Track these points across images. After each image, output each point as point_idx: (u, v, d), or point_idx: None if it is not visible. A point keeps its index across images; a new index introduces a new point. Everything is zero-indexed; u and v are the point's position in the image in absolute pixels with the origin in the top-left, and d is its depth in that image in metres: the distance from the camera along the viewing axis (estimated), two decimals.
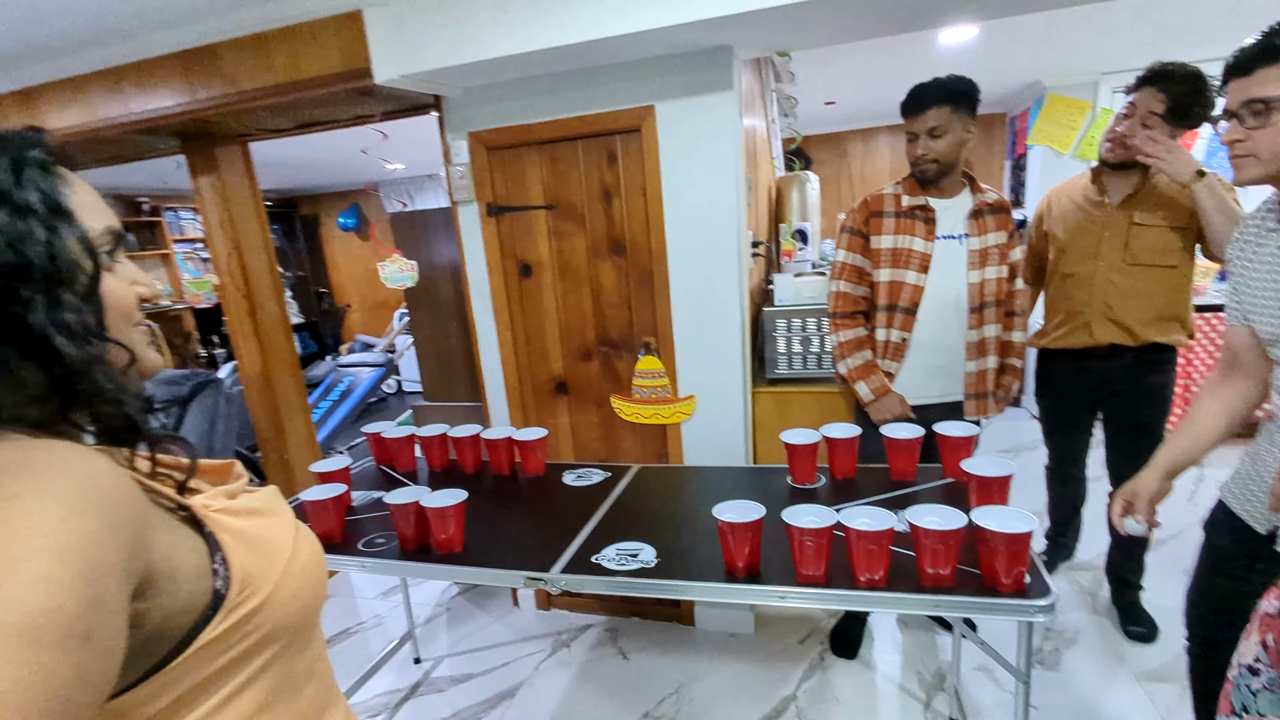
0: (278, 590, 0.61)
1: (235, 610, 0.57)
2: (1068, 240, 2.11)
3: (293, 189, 6.78)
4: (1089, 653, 2.12)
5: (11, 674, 0.38)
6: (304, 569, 0.65)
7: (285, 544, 0.65)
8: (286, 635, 0.62)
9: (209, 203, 2.67)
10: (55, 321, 0.51)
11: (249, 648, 0.58)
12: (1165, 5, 2.64)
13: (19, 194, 0.51)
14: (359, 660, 2.40)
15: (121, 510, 0.48)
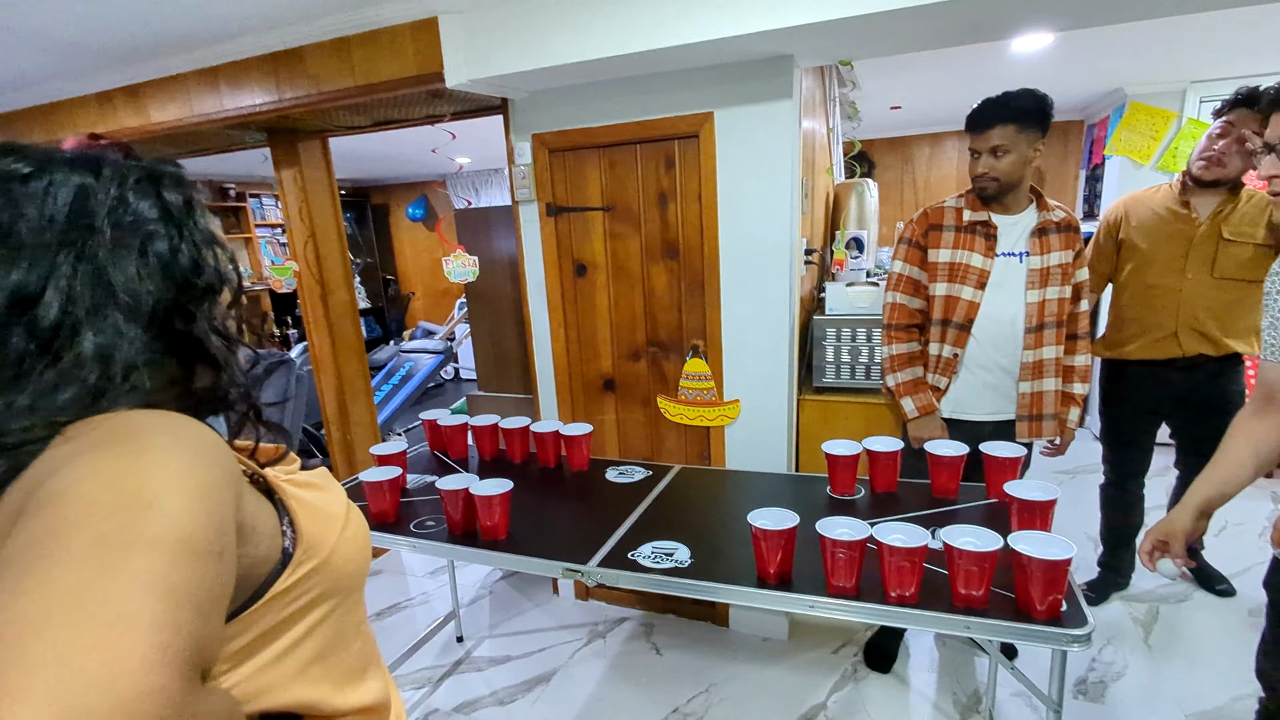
0: (334, 553, 0.70)
1: (300, 566, 0.66)
2: (1152, 252, 2.14)
3: (366, 179, 7.08)
4: (1137, 688, 2.04)
5: (182, 574, 0.48)
6: (354, 537, 0.75)
7: (339, 515, 0.74)
8: (340, 594, 0.71)
9: (289, 193, 2.84)
10: (213, 327, 0.64)
11: (309, 601, 0.67)
12: (1257, 14, 2.49)
13: (193, 225, 0.63)
14: (405, 635, 2.52)
15: (229, 467, 0.58)
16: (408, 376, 4.86)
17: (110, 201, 0.57)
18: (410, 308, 7.67)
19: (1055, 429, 1.94)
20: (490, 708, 2.16)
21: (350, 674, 0.74)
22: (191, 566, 0.48)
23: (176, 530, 0.49)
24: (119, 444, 0.52)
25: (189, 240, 0.62)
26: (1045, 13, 1.69)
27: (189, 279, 0.61)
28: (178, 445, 0.54)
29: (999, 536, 1.24)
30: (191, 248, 0.62)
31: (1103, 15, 1.74)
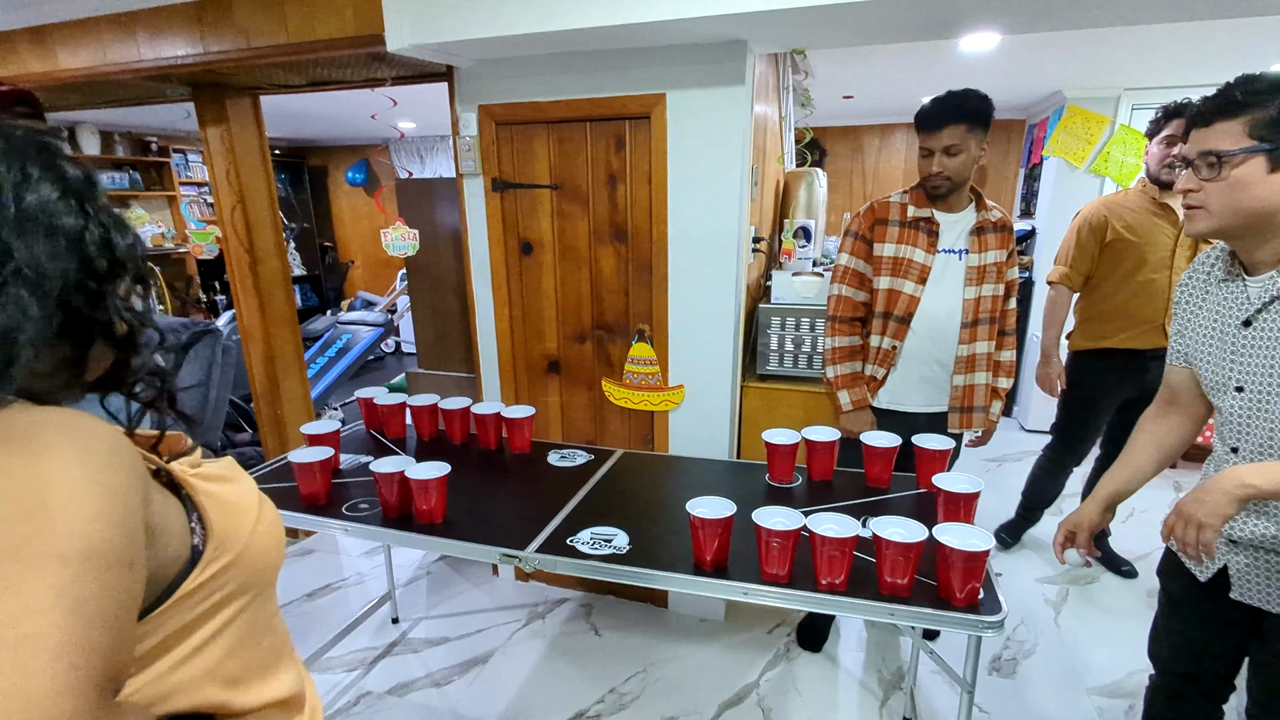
0: (247, 548, 0.67)
1: (211, 565, 0.63)
2: (1145, 249, 2.27)
3: (303, 139, 6.73)
4: (1045, 665, 2.18)
5: (90, 588, 0.46)
6: (268, 531, 0.72)
7: (252, 507, 0.71)
8: (253, 590, 0.69)
9: (216, 154, 2.66)
10: (119, 307, 0.60)
11: (221, 599, 0.65)
12: (1188, 29, 2.60)
13: (97, 203, 0.60)
14: (338, 616, 2.47)
15: (135, 467, 0.55)
16: (345, 349, 4.69)
17: (14, 177, 0.54)
18: (349, 277, 7.39)
19: (983, 420, 2.02)
20: (425, 689, 2.14)
21: (262, 669, 0.72)
22: (100, 579, 0.47)
23: (83, 541, 0.46)
24: (14, 447, 0.49)
25: (95, 219, 0.58)
26: (991, 15, 1.72)
27: (96, 258, 0.58)
28: (79, 447, 0.51)
29: (924, 528, 1.28)
30: (98, 226, 0.58)
31: (1044, 22, 1.79)
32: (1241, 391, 1.13)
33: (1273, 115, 1.00)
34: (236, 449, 3.47)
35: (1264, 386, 1.10)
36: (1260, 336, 1.10)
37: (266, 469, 1.93)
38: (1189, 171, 1.10)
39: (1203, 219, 1.10)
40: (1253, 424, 1.13)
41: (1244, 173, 1.03)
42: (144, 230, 5.48)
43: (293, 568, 2.84)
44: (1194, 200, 1.10)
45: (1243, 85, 1.03)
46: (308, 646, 2.16)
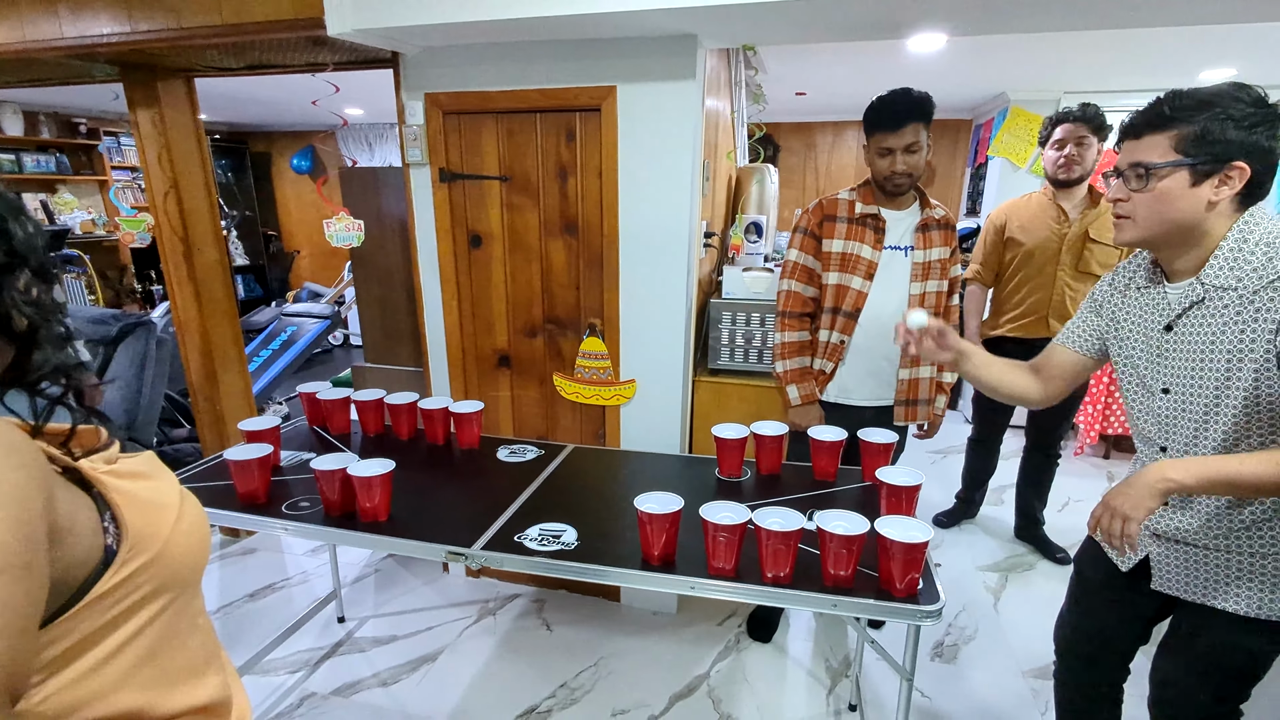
0: (167, 547, 0.65)
1: (126, 565, 0.61)
2: (1032, 248, 2.49)
3: (245, 124, 6.47)
4: (984, 649, 2.26)
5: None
6: (190, 529, 0.69)
7: (172, 505, 0.69)
8: (174, 590, 0.67)
9: (147, 138, 2.53)
10: (19, 301, 0.57)
11: (137, 601, 0.62)
12: (1124, 36, 2.71)
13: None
14: (282, 616, 2.39)
15: (35, 466, 0.53)
16: (290, 342, 4.54)
17: None
18: (295, 267, 7.16)
19: (928, 414, 2.08)
20: (372, 689, 2.10)
21: (185, 673, 0.69)
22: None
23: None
24: None
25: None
26: (937, 16, 1.75)
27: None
28: None
29: (866, 521, 1.31)
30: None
31: (988, 24, 1.84)
32: (1168, 393, 1.18)
33: (1197, 131, 1.03)
34: (173, 445, 3.33)
35: (1187, 388, 1.14)
36: (1181, 340, 1.14)
37: (201, 466, 1.86)
38: (1119, 182, 1.14)
39: (1130, 228, 1.14)
40: (1179, 423, 1.17)
41: (1169, 185, 1.07)
42: (73, 216, 5.19)
43: (234, 567, 2.75)
44: (1122, 210, 1.14)
45: (1171, 101, 1.07)
46: (249, 649, 2.09)
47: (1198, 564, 1.21)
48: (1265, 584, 1.16)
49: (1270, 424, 1.08)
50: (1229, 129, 1.02)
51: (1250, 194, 1.06)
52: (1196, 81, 3.49)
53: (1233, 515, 1.15)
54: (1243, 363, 1.06)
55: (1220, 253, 1.08)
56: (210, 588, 2.61)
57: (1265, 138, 1.02)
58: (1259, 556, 1.15)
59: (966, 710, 2.00)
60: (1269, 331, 1.02)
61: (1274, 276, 1.03)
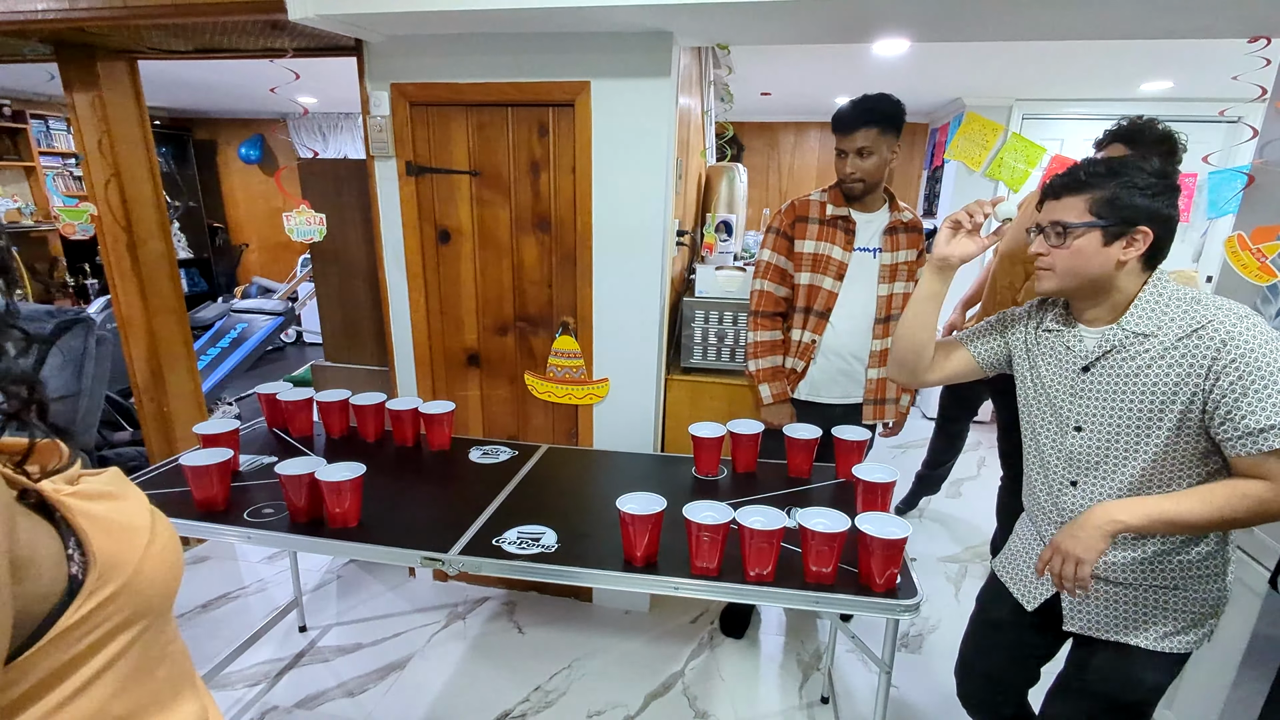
0: (137, 575, 0.60)
1: (93, 596, 0.56)
2: (1005, 252, 2.41)
3: (188, 110, 6.17)
4: (947, 638, 2.33)
5: None
6: (163, 552, 0.64)
7: (143, 527, 0.64)
8: (146, 619, 0.62)
9: (85, 122, 2.38)
10: None
11: (106, 633, 0.57)
12: (1075, 47, 2.83)
13: None
14: (239, 627, 2.29)
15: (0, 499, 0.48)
16: (240, 339, 4.35)
17: None
18: (243, 261, 6.87)
19: (895, 411, 2.12)
20: (337, 700, 2.03)
21: (157, 704, 0.64)
22: None
23: None
24: None
25: None
26: (900, 21, 1.79)
27: None
28: None
29: (847, 518, 1.33)
30: None
31: (947, 31, 1.89)
32: (1080, 431, 1.24)
33: (1107, 196, 1.13)
34: (114, 449, 3.16)
35: (1101, 426, 1.21)
36: (1097, 382, 1.21)
37: (154, 473, 1.76)
38: (1040, 237, 1.22)
39: (1049, 279, 1.22)
40: (1090, 460, 1.23)
41: (1083, 244, 1.15)
42: None
43: (187, 576, 2.59)
44: (1043, 263, 1.22)
45: (1086, 167, 1.16)
46: (205, 662, 2.00)
47: (1112, 601, 1.26)
48: (1169, 617, 1.22)
49: (1183, 462, 1.16)
50: (1135, 196, 1.11)
51: (1154, 255, 1.16)
52: (1137, 92, 3.69)
53: (1138, 548, 1.21)
54: (1170, 403, 1.13)
55: (1139, 304, 1.17)
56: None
57: (1165, 205, 1.13)
58: (1166, 590, 1.22)
59: (932, 698, 2.06)
60: (1198, 375, 1.10)
61: (1196, 325, 1.11)
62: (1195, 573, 1.21)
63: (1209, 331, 1.10)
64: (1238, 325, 1.08)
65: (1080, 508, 1.25)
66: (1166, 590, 1.22)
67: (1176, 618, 1.23)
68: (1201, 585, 1.21)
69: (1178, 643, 1.23)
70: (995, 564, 1.49)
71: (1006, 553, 1.46)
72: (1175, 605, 1.22)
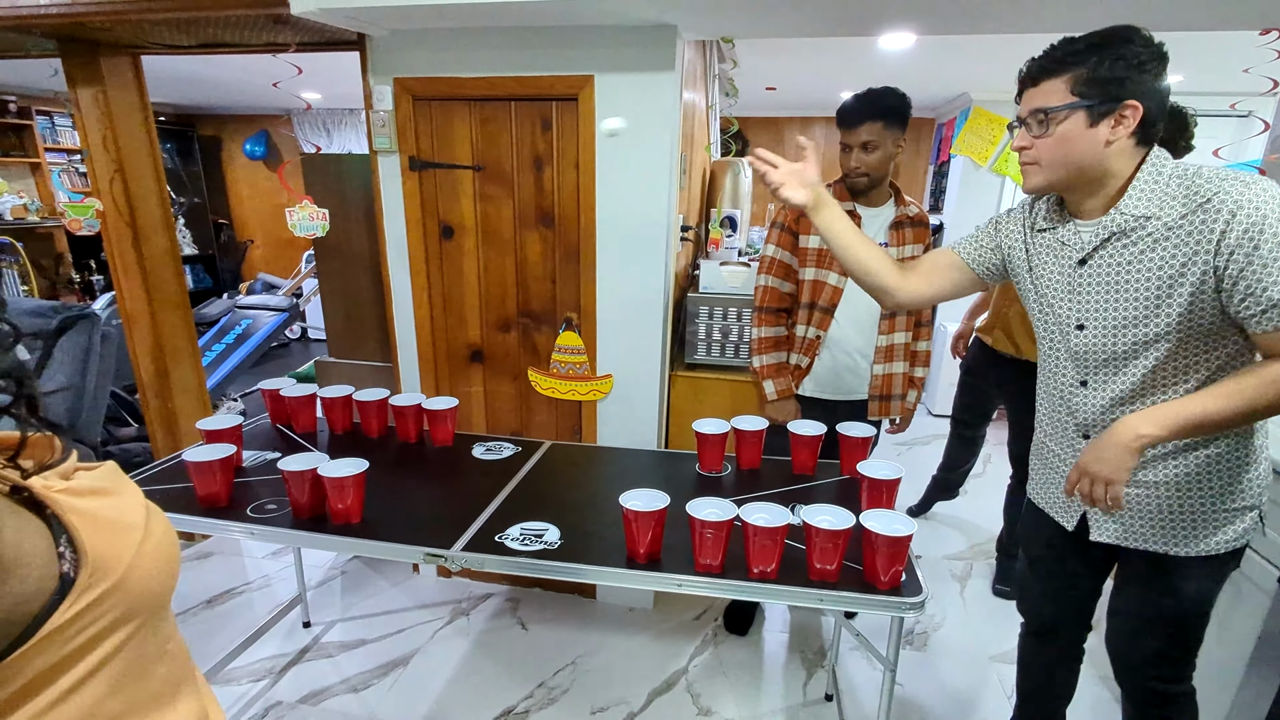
0: (131, 572, 0.59)
1: (85, 594, 0.55)
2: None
3: (193, 106, 6.17)
4: (952, 636, 2.32)
5: None
6: (157, 549, 0.63)
7: (137, 524, 0.62)
8: (140, 617, 0.61)
9: (90, 119, 2.38)
10: None
11: (99, 631, 0.56)
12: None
13: None
14: (243, 623, 2.30)
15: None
16: (244, 335, 4.36)
17: None
18: (248, 257, 6.88)
19: (901, 408, 2.11)
20: (341, 695, 2.03)
21: (155, 701, 0.64)
22: None
23: None
24: None
25: None
26: (907, 14, 1.78)
27: None
28: None
29: (852, 515, 1.32)
30: None
31: (954, 24, 1.88)
32: (1083, 329, 1.19)
33: (1088, 73, 1.05)
34: (119, 445, 3.17)
35: (1103, 322, 1.16)
36: (1096, 274, 1.16)
37: (157, 468, 1.76)
38: (1021, 129, 1.15)
39: (1036, 174, 1.15)
40: (1097, 359, 1.19)
41: (1067, 128, 1.08)
42: (4, 200, 4.87)
43: (191, 573, 2.63)
44: (1028, 157, 1.15)
45: (1064, 45, 1.09)
46: (209, 657, 2.00)
47: (1138, 506, 1.23)
48: (1199, 519, 1.18)
49: (1200, 350, 1.10)
50: (1119, 68, 1.04)
51: (1145, 134, 1.09)
52: None
53: (1158, 447, 1.17)
54: (1177, 287, 1.07)
55: (1137, 185, 1.10)
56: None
57: (1154, 76, 1.05)
58: (1191, 490, 1.17)
59: (937, 696, 2.05)
60: (1206, 250, 1.03)
61: (1201, 200, 1.04)
62: (1222, 466, 1.14)
63: (1215, 203, 1.02)
64: (1246, 192, 1.00)
65: (1092, 408, 1.21)
66: (1191, 490, 1.16)
67: (1207, 519, 1.16)
68: (1230, 479, 1.15)
69: (1213, 544, 1.16)
70: (1030, 491, 1.47)
71: (1035, 479, 1.44)
72: (1203, 505, 1.16)
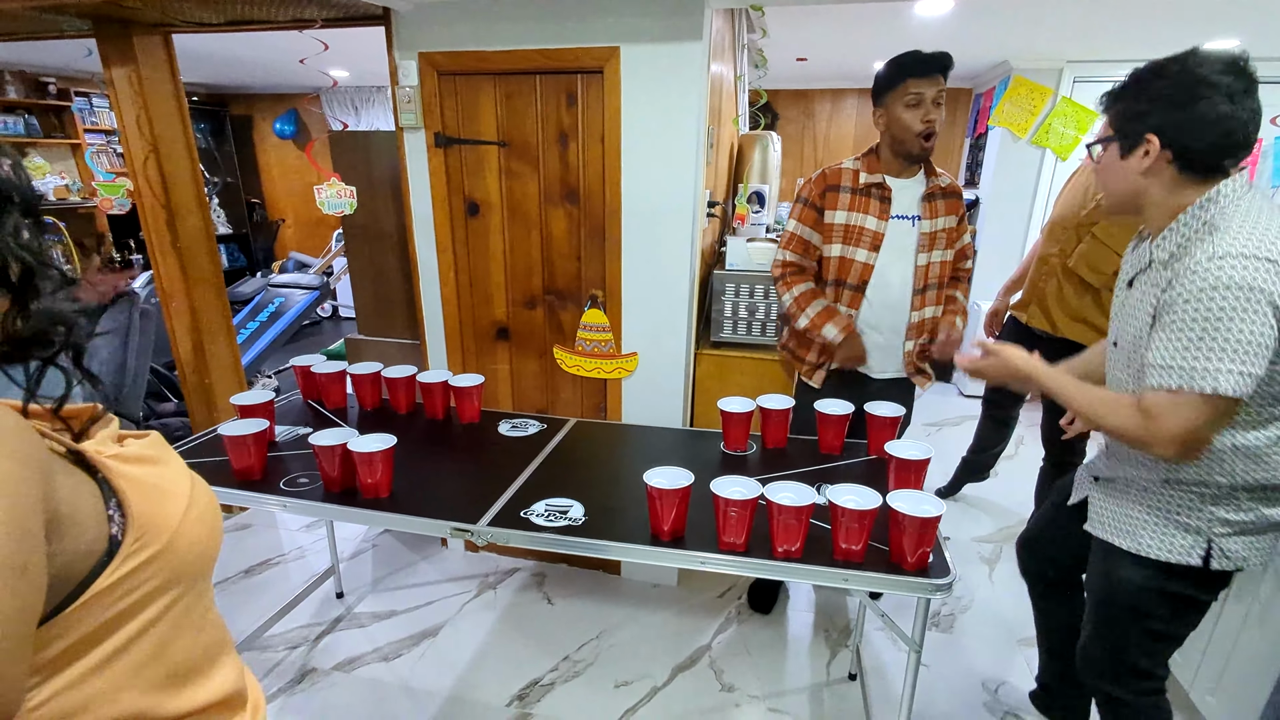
0: (176, 539, 0.60)
1: (132, 558, 0.56)
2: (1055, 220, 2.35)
3: (224, 85, 6.25)
4: (979, 618, 2.29)
5: None
6: (201, 517, 0.65)
7: (182, 493, 0.64)
8: (183, 583, 0.62)
9: (124, 98, 2.42)
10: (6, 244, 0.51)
11: (144, 596, 0.58)
12: (1133, 2, 2.65)
13: None
14: (279, 593, 2.37)
15: (32, 454, 0.48)
16: (277, 314, 4.45)
17: None
18: (280, 236, 6.99)
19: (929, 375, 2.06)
20: (373, 664, 2.09)
21: (194, 670, 0.65)
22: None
23: None
24: None
25: None
26: None
27: None
28: None
29: (879, 495, 1.30)
30: None
31: None
32: (1116, 346, 1.28)
33: (1120, 108, 1.16)
34: (160, 419, 3.27)
35: (1124, 343, 1.25)
36: (1131, 298, 1.24)
37: (194, 442, 1.81)
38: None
39: (1104, 199, 1.26)
40: (1118, 376, 1.28)
41: (1106, 159, 1.21)
42: (45, 181, 5.01)
43: (229, 544, 2.72)
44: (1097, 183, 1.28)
45: (1118, 84, 1.18)
46: (247, 625, 2.07)
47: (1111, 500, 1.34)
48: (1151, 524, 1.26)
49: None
50: (1141, 103, 1.12)
51: (1189, 163, 1.11)
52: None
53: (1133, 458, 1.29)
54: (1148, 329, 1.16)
55: (1177, 220, 1.15)
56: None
57: (1181, 106, 1.08)
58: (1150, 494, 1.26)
59: (963, 678, 2.03)
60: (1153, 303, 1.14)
61: (1179, 251, 1.12)
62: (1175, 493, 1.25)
63: (1179, 261, 1.11)
64: (1201, 264, 1.05)
65: None
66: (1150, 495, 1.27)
67: (1157, 528, 1.26)
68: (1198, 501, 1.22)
69: (1157, 548, 1.25)
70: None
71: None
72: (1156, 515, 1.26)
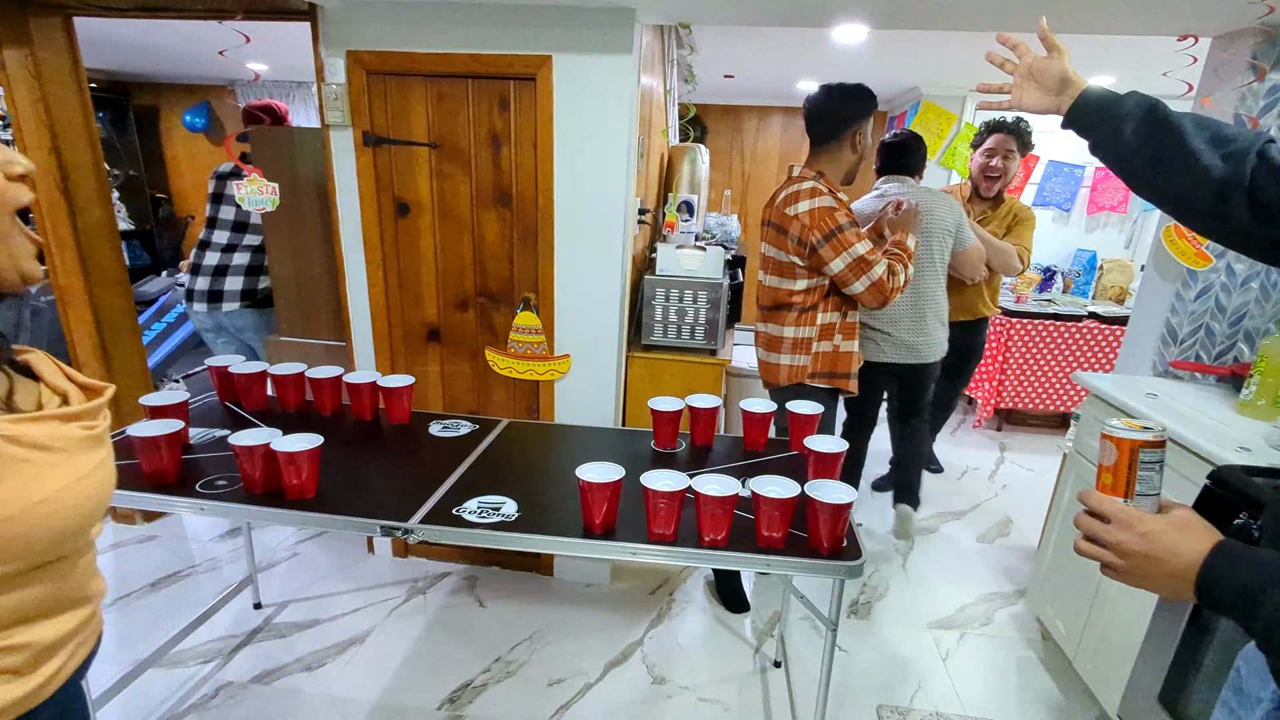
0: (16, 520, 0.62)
1: None
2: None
3: (127, 73, 5.86)
4: (894, 605, 2.44)
5: None
6: (54, 512, 0.67)
7: (45, 490, 0.66)
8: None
9: (17, 82, 2.26)
10: None
11: None
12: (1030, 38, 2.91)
13: None
14: (188, 607, 2.25)
15: None
16: (186, 314, 4.20)
17: None
18: (189, 234, 6.60)
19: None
20: (295, 674, 2.02)
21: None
22: None
23: None
24: None
25: None
26: (859, 8, 1.84)
27: None
28: None
29: (797, 484, 1.39)
30: None
31: (902, 19, 1.95)
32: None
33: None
34: None
35: None
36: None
37: None
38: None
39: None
40: None
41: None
42: None
43: (132, 556, 2.56)
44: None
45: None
46: (152, 641, 1.96)
47: None
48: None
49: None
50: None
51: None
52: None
53: None
54: None
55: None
56: (105, 578, 2.42)
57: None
58: None
59: (879, 660, 2.16)
60: None
61: None
62: None
63: None
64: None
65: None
66: None
67: None
68: None
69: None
70: None
71: None
72: None
